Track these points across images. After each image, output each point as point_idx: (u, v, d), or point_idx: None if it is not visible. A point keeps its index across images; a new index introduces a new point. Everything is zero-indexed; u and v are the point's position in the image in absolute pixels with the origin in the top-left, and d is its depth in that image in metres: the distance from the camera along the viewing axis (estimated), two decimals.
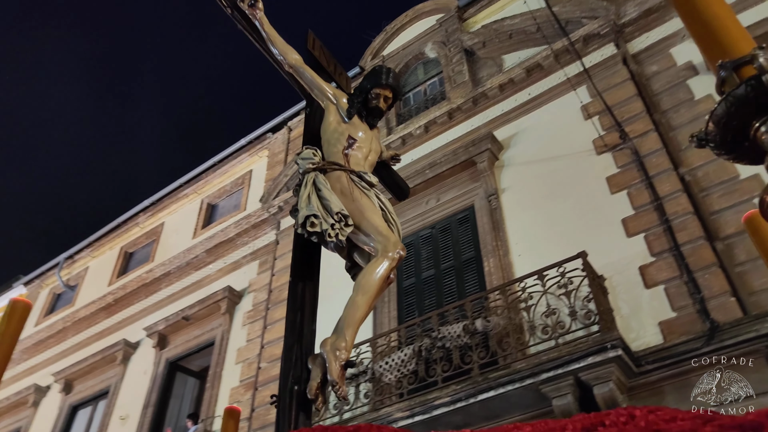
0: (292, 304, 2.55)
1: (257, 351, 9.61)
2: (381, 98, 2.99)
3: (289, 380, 2.29)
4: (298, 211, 2.63)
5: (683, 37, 8.03)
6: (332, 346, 2.30)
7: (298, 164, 2.85)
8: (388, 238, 2.54)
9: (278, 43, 3.10)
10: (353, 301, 2.41)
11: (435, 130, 9.84)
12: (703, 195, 6.70)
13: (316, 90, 3.07)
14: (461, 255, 8.23)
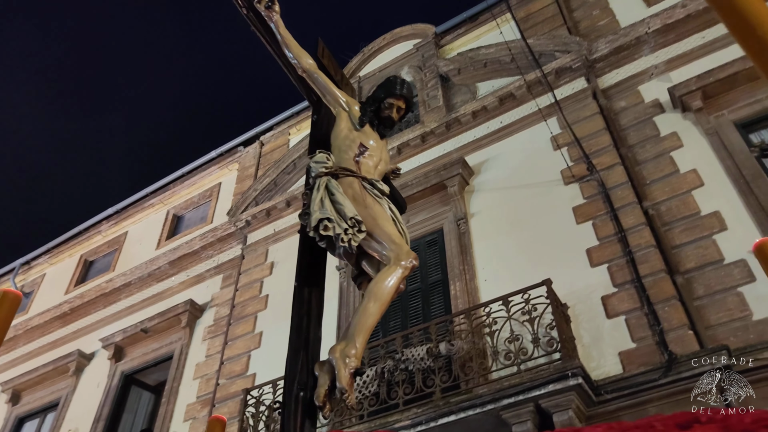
0: (298, 309, 2.50)
1: (216, 367, 9.42)
2: (394, 108, 2.99)
3: (295, 386, 2.22)
4: (310, 214, 2.59)
5: (651, 76, 8.30)
6: (342, 352, 2.25)
7: (310, 167, 2.81)
8: (401, 246, 2.51)
9: (293, 46, 3.08)
10: (365, 307, 2.38)
11: (408, 153, 9.91)
12: (666, 229, 6.87)
13: (329, 96, 3.05)
14: (428, 277, 8.24)
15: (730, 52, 7.72)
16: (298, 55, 3.07)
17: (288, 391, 2.24)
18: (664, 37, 8.48)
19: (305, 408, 2.18)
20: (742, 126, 7.22)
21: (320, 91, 3.07)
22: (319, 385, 2.23)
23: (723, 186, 6.83)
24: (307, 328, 2.44)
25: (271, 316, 9.42)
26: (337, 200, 2.59)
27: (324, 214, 2.52)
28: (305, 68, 3.07)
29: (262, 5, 3.05)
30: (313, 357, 2.35)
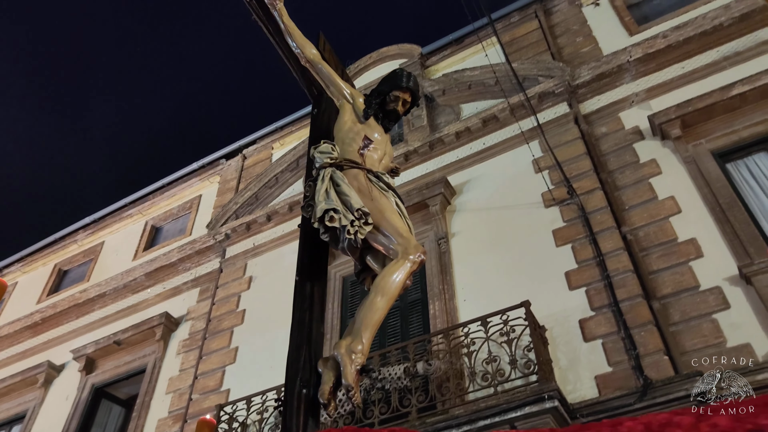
0: (300, 304, 2.42)
1: (190, 382, 9.26)
2: (400, 101, 2.92)
3: (297, 383, 2.14)
4: (314, 205, 2.50)
5: (632, 103, 8.45)
6: (347, 348, 2.16)
7: (314, 157, 2.73)
8: (409, 240, 2.43)
9: (297, 36, 3.01)
10: (371, 302, 2.28)
11: None
12: (643, 255, 6.95)
13: (333, 87, 2.98)
14: (407, 296, 8.22)
15: (708, 83, 7.91)
16: (301, 45, 3.00)
17: (290, 388, 2.16)
18: (645, 65, 8.65)
19: (308, 406, 2.10)
20: (719, 155, 7.37)
21: (324, 82, 2.99)
22: (323, 382, 2.15)
23: (700, 213, 6.93)
24: (309, 323, 2.34)
25: (248, 332, 9.31)
26: (342, 191, 2.50)
27: (330, 204, 2.43)
28: (309, 58, 3.00)
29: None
30: (316, 353, 2.27)
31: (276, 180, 11.43)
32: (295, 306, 2.45)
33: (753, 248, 6.34)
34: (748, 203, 6.87)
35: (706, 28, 8.36)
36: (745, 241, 6.44)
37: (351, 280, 8.96)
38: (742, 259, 6.32)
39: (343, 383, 2.11)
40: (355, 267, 2.70)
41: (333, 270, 9.21)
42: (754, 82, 7.39)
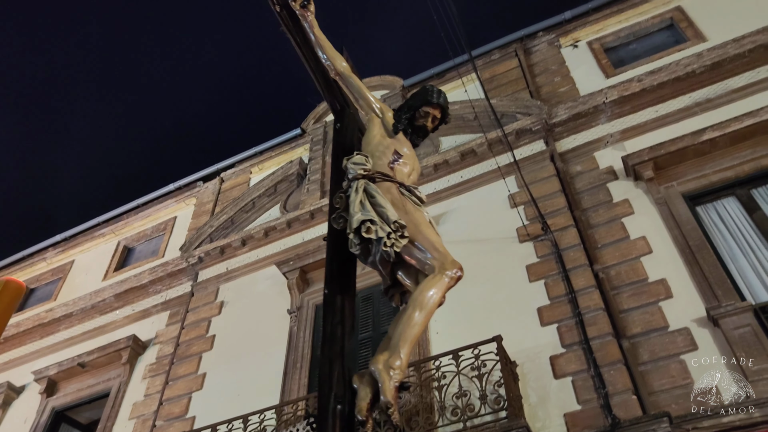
0: (331, 318, 2.34)
1: (154, 407, 9.03)
2: (429, 117, 2.90)
3: (331, 400, 2.05)
4: (348, 216, 2.44)
5: (606, 143, 8.63)
6: (386, 364, 2.08)
7: (347, 168, 2.66)
8: (446, 255, 2.38)
9: (328, 48, 3.00)
10: (409, 317, 2.20)
11: None
12: (614, 293, 7.02)
13: (363, 101, 2.96)
14: (380, 327, 8.18)
15: (680, 128, 8.12)
16: (332, 57, 2.99)
17: (324, 404, 2.08)
18: (620, 107, 8.87)
19: (344, 423, 2.03)
20: (689, 198, 7.53)
21: (353, 95, 2.98)
22: (360, 398, 2.07)
23: (670, 255, 7.05)
24: (342, 337, 2.27)
25: (216, 358, 9.15)
26: (378, 203, 2.44)
27: (366, 215, 2.37)
28: (339, 71, 2.99)
29: (297, 4, 2.96)
30: (350, 368, 2.20)
31: (253, 204, 11.38)
32: (325, 319, 2.37)
33: (721, 291, 6.45)
34: (716, 246, 7.02)
35: (679, 75, 8.63)
36: (713, 283, 6.56)
37: None
38: (710, 301, 6.42)
39: (381, 400, 2.03)
40: (384, 282, 2.63)
41: (306, 297, 9.14)
42: (723, 129, 7.61)
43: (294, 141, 12.70)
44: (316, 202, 10.43)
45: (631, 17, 10.57)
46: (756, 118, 7.50)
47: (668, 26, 10.16)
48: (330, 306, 2.40)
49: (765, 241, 6.88)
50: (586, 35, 10.78)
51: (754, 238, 6.98)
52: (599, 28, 10.74)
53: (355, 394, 2.11)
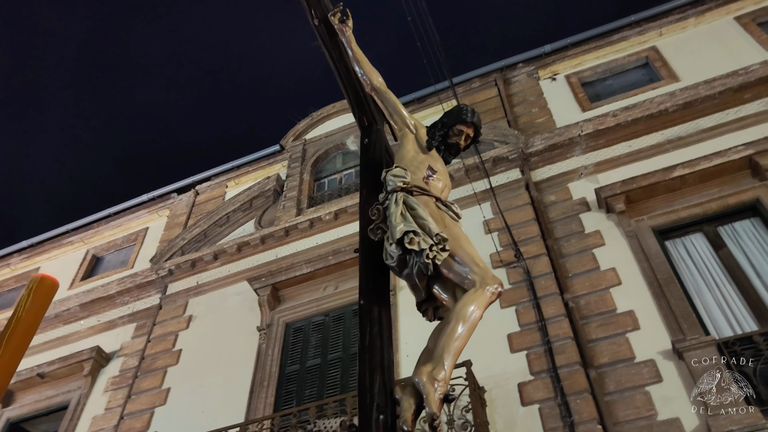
0: (369, 328, 2.32)
1: (115, 422, 8.81)
2: (463, 135, 2.94)
3: (374, 410, 2.04)
4: (388, 227, 2.43)
5: (580, 175, 8.81)
6: (430, 376, 2.07)
7: (386, 181, 2.67)
8: (486, 271, 2.39)
9: (364, 63, 3.04)
10: (452, 329, 2.20)
11: (344, 219, 9.97)
12: (583, 322, 7.11)
13: (397, 116, 3.00)
14: (350, 348, 8.14)
15: (652, 163, 8.34)
16: (369, 72, 3.03)
17: (366, 414, 2.06)
18: (595, 141, 9.08)
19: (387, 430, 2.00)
20: (659, 232, 7.71)
21: (388, 110, 3.02)
22: (404, 409, 2.06)
23: (639, 287, 7.18)
24: (381, 348, 2.26)
25: (182, 373, 8.98)
26: (419, 215, 2.45)
27: (409, 227, 2.38)
28: (375, 86, 3.02)
29: (336, 19, 3.00)
30: (390, 379, 2.18)
31: (227, 219, 11.30)
32: (363, 330, 2.35)
33: (686, 324, 6.59)
34: (683, 280, 7.17)
35: (652, 112, 8.88)
36: (679, 316, 6.69)
37: (294, 326, 8.83)
38: (676, 334, 6.54)
39: (426, 411, 2.01)
40: (417, 296, 2.62)
41: (277, 315, 9.07)
42: (694, 166, 7.84)
43: (272, 157, 12.70)
44: (291, 219, 10.40)
45: (608, 54, 10.87)
46: (724, 158, 7.74)
47: (644, 65, 10.48)
48: (367, 316, 2.38)
49: (730, 277, 7.06)
50: (565, 69, 11.05)
51: (719, 274, 7.15)
52: (577, 62, 11.02)
53: (396, 405, 2.11)
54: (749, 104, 8.46)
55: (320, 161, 11.86)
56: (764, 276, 6.91)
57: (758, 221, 7.42)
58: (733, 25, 10.06)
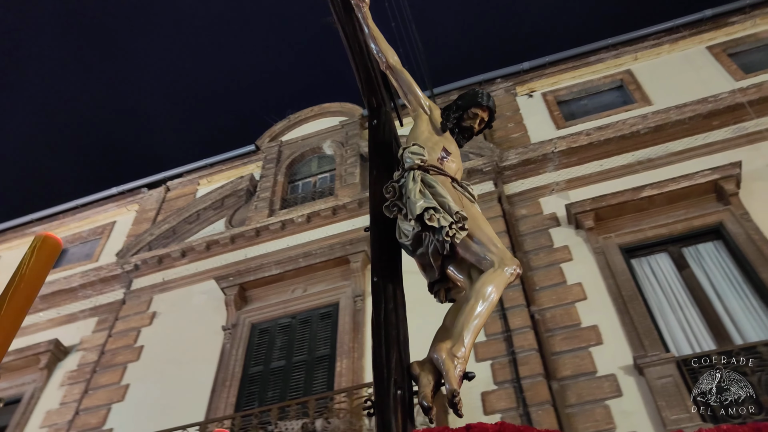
0: (384, 305, 2.30)
1: (69, 417, 8.59)
2: (477, 119, 2.90)
3: (391, 385, 2.02)
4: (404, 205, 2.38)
5: (552, 191, 8.95)
6: (449, 352, 2.04)
7: (403, 158, 2.63)
8: (505, 251, 2.34)
9: (380, 40, 3.00)
10: (472, 308, 2.17)
11: (317, 222, 9.94)
12: (548, 335, 7.20)
13: (411, 95, 2.95)
14: (316, 350, 8.09)
15: (622, 183, 8.51)
16: (385, 50, 2.99)
17: (384, 390, 2.04)
18: (567, 158, 9.24)
19: (404, 408, 1.99)
20: (625, 250, 7.86)
21: (403, 89, 2.98)
22: (423, 385, 2.04)
23: (603, 302, 7.31)
24: (397, 324, 2.24)
25: (142, 370, 8.81)
26: (438, 193, 2.41)
27: (429, 203, 2.34)
28: (391, 64, 2.98)
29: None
30: (406, 355, 2.17)
31: (197, 216, 11.17)
32: (377, 307, 2.33)
33: (648, 341, 6.72)
34: (647, 298, 7.32)
35: (624, 133, 9.08)
36: (641, 333, 6.82)
37: (260, 327, 8.75)
38: (638, 350, 6.67)
39: (446, 388, 1.99)
40: (429, 276, 2.58)
41: (243, 315, 8.98)
42: (662, 188, 8.03)
43: (247, 157, 12.61)
44: (263, 219, 10.33)
45: (585, 74, 11.10)
46: (691, 181, 7.95)
47: (618, 87, 10.72)
48: (381, 293, 2.37)
49: (692, 297, 7.23)
50: (542, 86, 11.24)
51: (682, 294, 7.32)
52: (554, 81, 11.22)
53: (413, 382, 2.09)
54: (717, 131, 8.71)
55: (295, 164, 11.82)
56: (724, 297, 7.10)
57: (720, 244, 7.63)
58: (705, 54, 10.37)
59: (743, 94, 8.81)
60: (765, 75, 9.31)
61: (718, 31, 10.60)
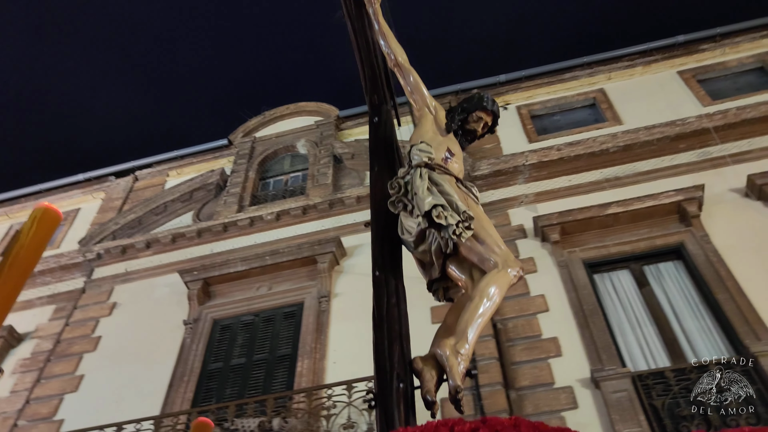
0: (387, 299, 2.31)
1: (19, 406, 8.36)
2: (481, 123, 2.92)
3: (394, 378, 2.03)
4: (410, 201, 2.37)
5: (521, 203, 9.06)
6: (453, 349, 2.04)
7: (411, 154, 2.62)
8: (508, 254, 2.34)
9: (390, 37, 2.99)
10: (476, 306, 2.16)
11: (286, 221, 9.89)
12: (509, 345, 7.28)
13: (417, 95, 2.96)
14: (278, 349, 8.04)
15: (589, 199, 8.67)
16: (394, 47, 2.98)
17: (387, 383, 2.05)
18: (537, 171, 9.37)
19: (406, 402, 2.00)
20: (589, 265, 8.00)
21: (409, 87, 2.97)
22: (426, 380, 2.04)
23: (565, 315, 7.42)
24: (400, 319, 2.24)
25: (99, 360, 8.63)
26: (445, 191, 2.40)
27: (438, 200, 2.34)
28: (400, 62, 2.98)
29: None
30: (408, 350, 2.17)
31: (165, 208, 11.01)
32: (379, 301, 2.32)
33: (605, 355, 6.84)
34: (607, 313, 7.46)
35: (594, 150, 9.26)
36: (600, 347, 6.94)
37: (222, 323, 8.65)
38: (595, 363, 6.79)
39: (449, 384, 2.00)
40: (429, 274, 2.58)
41: (205, 310, 8.87)
42: (627, 206, 8.20)
43: (218, 151, 12.49)
44: (231, 215, 10.23)
45: (559, 90, 11.28)
46: (656, 201, 8.14)
47: (591, 105, 10.93)
48: (383, 288, 2.38)
49: (650, 314, 7.39)
50: (517, 100, 11.38)
51: (641, 310, 7.48)
52: (529, 95, 11.38)
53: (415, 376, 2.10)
54: (683, 153, 8.94)
55: (268, 161, 11.74)
56: (681, 316, 7.27)
57: (680, 264, 7.82)
58: (675, 79, 10.64)
59: (709, 120, 9.07)
60: (731, 102, 9.60)
61: (689, 57, 10.89)
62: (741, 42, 10.79)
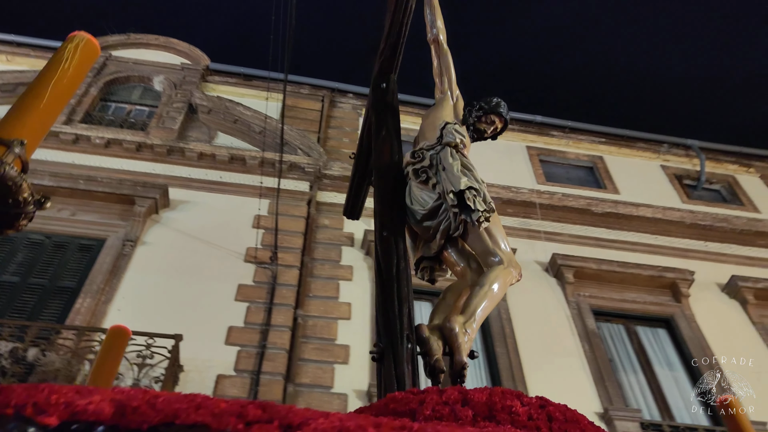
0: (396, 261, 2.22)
1: None
2: (492, 126, 2.90)
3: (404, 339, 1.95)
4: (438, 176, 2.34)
5: None
6: (462, 326, 1.99)
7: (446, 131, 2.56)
8: (513, 255, 2.35)
9: (438, 11, 2.98)
10: (486, 293, 2.13)
11: (115, 151, 9.13)
12: (303, 341, 7.35)
13: (447, 76, 2.93)
14: (61, 279, 7.34)
15: None
16: (440, 23, 2.97)
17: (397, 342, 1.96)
18: None
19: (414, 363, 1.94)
20: None
21: (441, 67, 2.96)
22: (434, 350, 1.99)
23: (364, 327, 7.67)
24: (407, 282, 2.16)
25: None
26: (477, 178, 2.38)
27: (473, 183, 2.31)
28: (440, 39, 2.97)
29: None
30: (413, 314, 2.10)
31: None
32: (388, 261, 2.22)
33: None
34: None
35: None
36: None
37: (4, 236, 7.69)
38: (373, 378, 7.07)
39: (456, 359, 1.97)
40: (422, 251, 2.50)
41: None
42: None
43: None
44: (56, 125, 9.21)
45: None
46: None
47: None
48: (393, 249, 2.31)
49: None
50: None
51: None
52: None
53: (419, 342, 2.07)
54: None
55: (116, 83, 10.80)
56: None
57: None
58: (523, 151, 11.64)
59: (538, 196, 10.02)
60: (559, 187, 10.70)
61: (540, 136, 12.00)
62: (583, 141, 12.13)
